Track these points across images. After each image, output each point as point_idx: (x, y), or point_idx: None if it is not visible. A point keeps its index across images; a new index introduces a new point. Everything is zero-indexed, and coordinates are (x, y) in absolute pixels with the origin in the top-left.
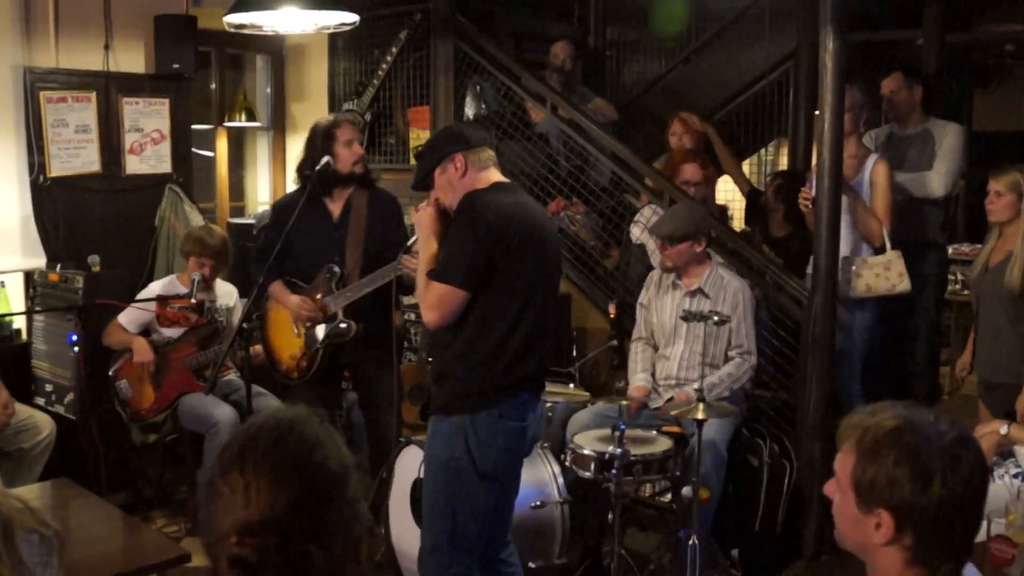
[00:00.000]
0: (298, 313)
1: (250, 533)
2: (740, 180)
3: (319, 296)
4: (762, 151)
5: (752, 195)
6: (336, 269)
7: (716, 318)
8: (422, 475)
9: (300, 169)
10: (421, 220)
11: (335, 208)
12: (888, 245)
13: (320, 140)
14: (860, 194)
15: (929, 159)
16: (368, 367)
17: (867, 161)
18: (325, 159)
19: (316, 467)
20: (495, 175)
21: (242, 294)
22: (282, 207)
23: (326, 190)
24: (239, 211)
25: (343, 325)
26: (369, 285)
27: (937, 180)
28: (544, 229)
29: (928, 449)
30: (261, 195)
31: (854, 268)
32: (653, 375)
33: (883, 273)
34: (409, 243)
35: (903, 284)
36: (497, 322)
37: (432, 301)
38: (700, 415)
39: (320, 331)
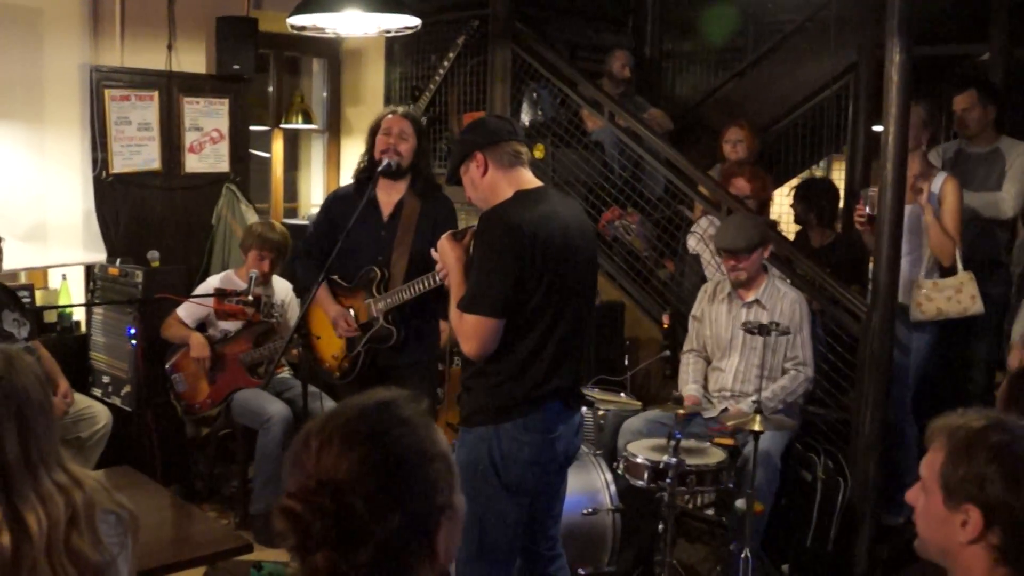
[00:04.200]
0: (336, 324)
1: (308, 492)
2: None
3: (360, 297)
4: (812, 167)
5: None
6: (379, 271)
7: (777, 329)
8: None
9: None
10: (442, 249)
11: (386, 208)
12: (960, 266)
13: (369, 135)
14: (935, 210)
15: (999, 179)
16: (401, 374)
17: (936, 179)
18: (386, 161)
19: (392, 442)
20: (522, 176)
21: (296, 292)
22: (334, 199)
23: (380, 186)
24: (292, 212)
25: (384, 330)
26: (410, 291)
27: (1008, 201)
28: (574, 239)
29: (1018, 448)
30: (315, 197)
31: (924, 291)
32: (706, 387)
33: (954, 296)
34: None
35: (975, 306)
36: (524, 338)
37: (468, 332)
38: (757, 427)
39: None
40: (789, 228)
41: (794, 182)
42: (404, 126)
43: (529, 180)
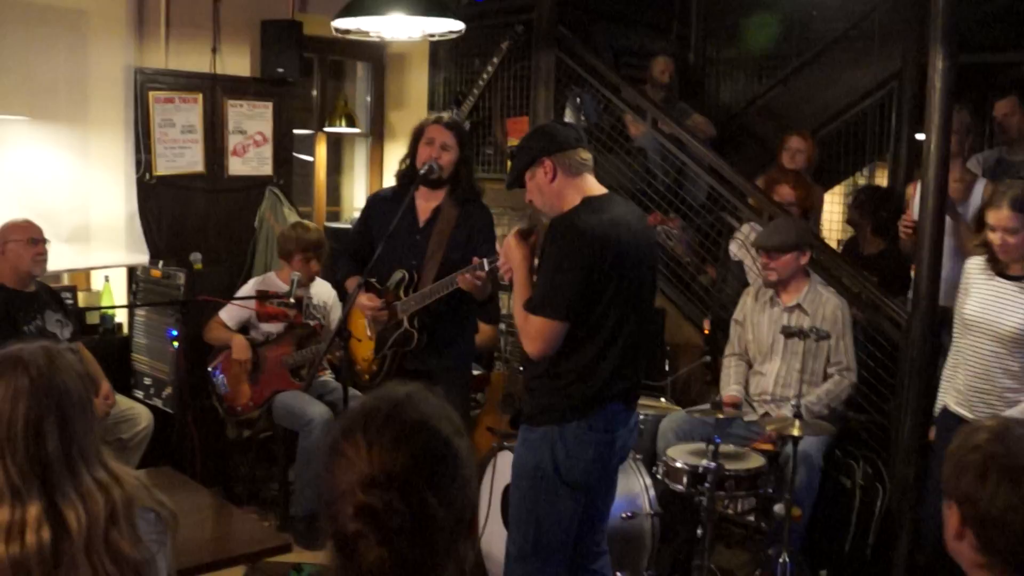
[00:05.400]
0: (363, 309)
1: (374, 486)
2: None
3: (389, 300)
4: (855, 174)
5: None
6: (407, 274)
7: (817, 334)
8: None
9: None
10: (507, 248)
11: (423, 213)
12: None
13: (412, 139)
14: (965, 217)
15: None
16: (431, 379)
17: (976, 185)
18: (428, 165)
19: (433, 431)
20: (588, 183)
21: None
22: (374, 200)
23: (419, 192)
24: (335, 216)
25: (406, 333)
26: (431, 295)
27: None
28: (639, 244)
29: (998, 447)
30: (357, 201)
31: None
32: (747, 391)
33: None
34: (475, 264)
35: None
36: (591, 341)
37: (532, 333)
38: (796, 432)
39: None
40: (831, 235)
41: (837, 189)
42: (447, 138)
43: (595, 187)
